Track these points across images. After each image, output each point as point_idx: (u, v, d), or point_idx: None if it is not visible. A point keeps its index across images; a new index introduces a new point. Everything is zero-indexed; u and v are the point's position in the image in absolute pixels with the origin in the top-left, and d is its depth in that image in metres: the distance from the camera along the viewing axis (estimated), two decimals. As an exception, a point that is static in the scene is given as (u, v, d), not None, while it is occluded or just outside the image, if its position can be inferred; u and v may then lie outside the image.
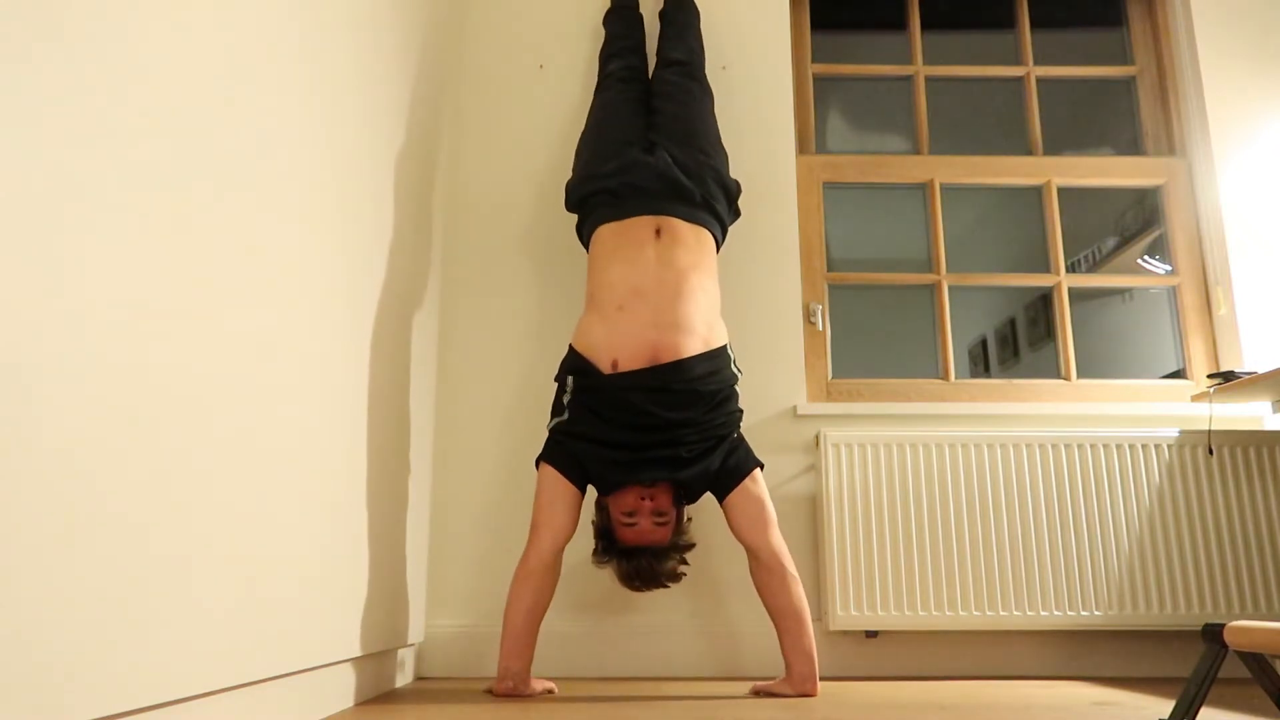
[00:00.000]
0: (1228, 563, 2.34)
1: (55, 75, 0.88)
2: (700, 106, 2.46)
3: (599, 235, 2.19)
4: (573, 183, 2.33)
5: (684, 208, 2.17)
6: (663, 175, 2.19)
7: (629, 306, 2.03)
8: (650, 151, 2.27)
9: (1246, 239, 2.69)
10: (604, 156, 2.29)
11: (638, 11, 2.75)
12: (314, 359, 1.56)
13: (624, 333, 2.01)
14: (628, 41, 2.65)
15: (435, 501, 2.49)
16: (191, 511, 1.14)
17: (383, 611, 1.96)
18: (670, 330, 2.00)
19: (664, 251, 2.10)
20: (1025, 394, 2.66)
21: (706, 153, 2.30)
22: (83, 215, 0.92)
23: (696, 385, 2.00)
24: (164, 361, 1.07)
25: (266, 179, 1.37)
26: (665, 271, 2.07)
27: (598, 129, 2.42)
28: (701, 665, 2.37)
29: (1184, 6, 2.90)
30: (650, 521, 1.98)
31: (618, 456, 1.98)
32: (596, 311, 2.08)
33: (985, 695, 1.95)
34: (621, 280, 2.07)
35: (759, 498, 2.02)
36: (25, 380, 0.84)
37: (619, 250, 2.13)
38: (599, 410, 2.00)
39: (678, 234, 2.13)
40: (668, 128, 2.36)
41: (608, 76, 2.56)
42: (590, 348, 2.04)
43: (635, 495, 1.98)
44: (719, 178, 2.28)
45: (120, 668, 0.98)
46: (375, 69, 1.96)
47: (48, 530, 0.86)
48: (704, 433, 2.01)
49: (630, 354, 1.99)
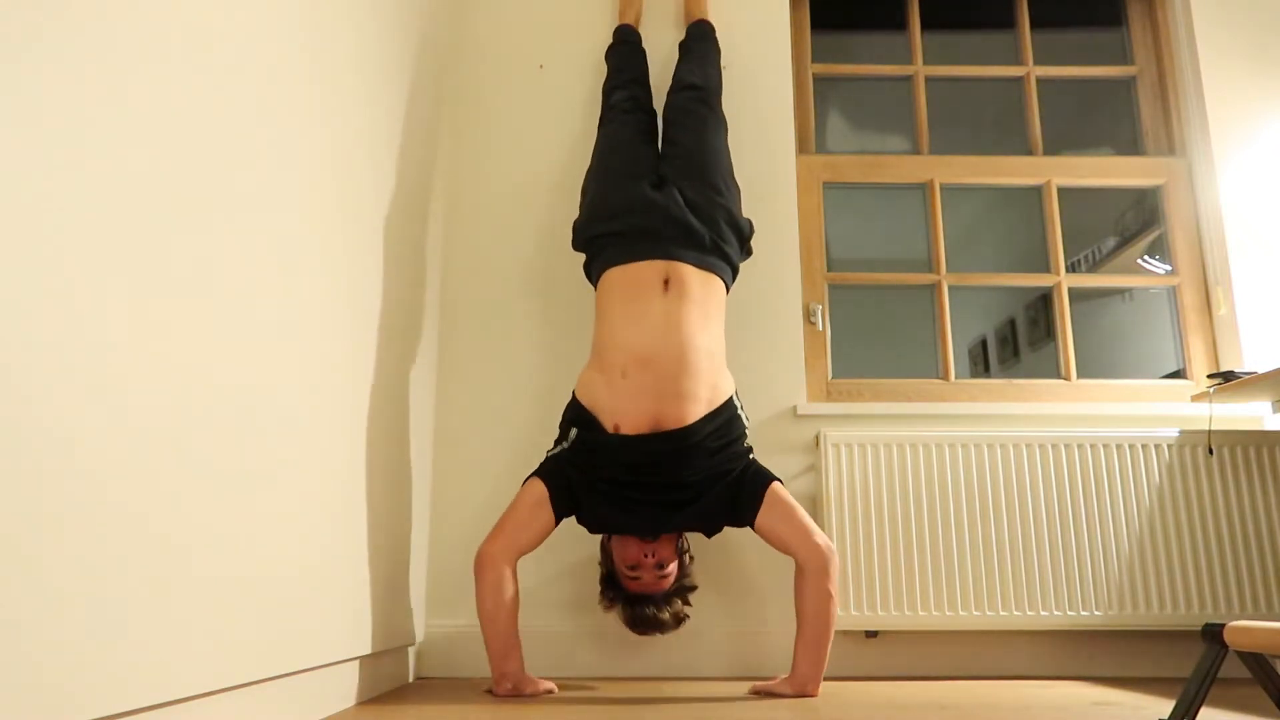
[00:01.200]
0: (1228, 563, 2.34)
1: (55, 75, 0.88)
2: (715, 138, 2.40)
3: (606, 279, 2.16)
4: (580, 223, 2.29)
5: (694, 253, 2.13)
6: (673, 217, 2.14)
7: (633, 375, 2.01)
8: (660, 187, 2.23)
9: (1246, 239, 2.69)
10: (611, 195, 2.25)
11: (640, 46, 2.70)
12: (315, 359, 1.56)
13: (628, 400, 2.00)
14: (631, 73, 2.60)
15: (435, 501, 2.49)
16: (192, 511, 1.14)
17: (383, 611, 1.96)
18: (674, 400, 1.99)
19: (671, 309, 2.06)
20: (1025, 394, 2.66)
21: (720, 191, 2.25)
22: (83, 215, 0.92)
23: (703, 444, 2.00)
24: (164, 362, 1.07)
25: (267, 179, 1.37)
26: (671, 336, 2.03)
27: (603, 165, 2.36)
28: (702, 665, 2.37)
29: (1184, 6, 2.90)
30: (653, 575, 2.02)
31: (615, 500, 2.00)
32: (601, 371, 2.06)
33: (985, 695, 1.95)
34: (627, 344, 2.04)
35: (785, 502, 2.01)
36: (24, 380, 0.84)
37: (626, 305, 2.09)
38: (601, 461, 2.01)
39: (686, 285, 2.09)
40: (680, 161, 2.30)
41: (611, 108, 2.51)
42: (594, 405, 2.04)
43: (637, 549, 2.00)
44: (731, 218, 2.23)
45: (120, 668, 0.98)
46: (375, 69, 1.96)
47: (48, 530, 0.87)
48: (709, 474, 2.01)
49: (633, 422, 1.99)
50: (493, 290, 2.64)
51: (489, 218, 2.69)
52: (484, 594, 1.95)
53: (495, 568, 1.96)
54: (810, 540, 1.97)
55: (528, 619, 2.34)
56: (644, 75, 2.62)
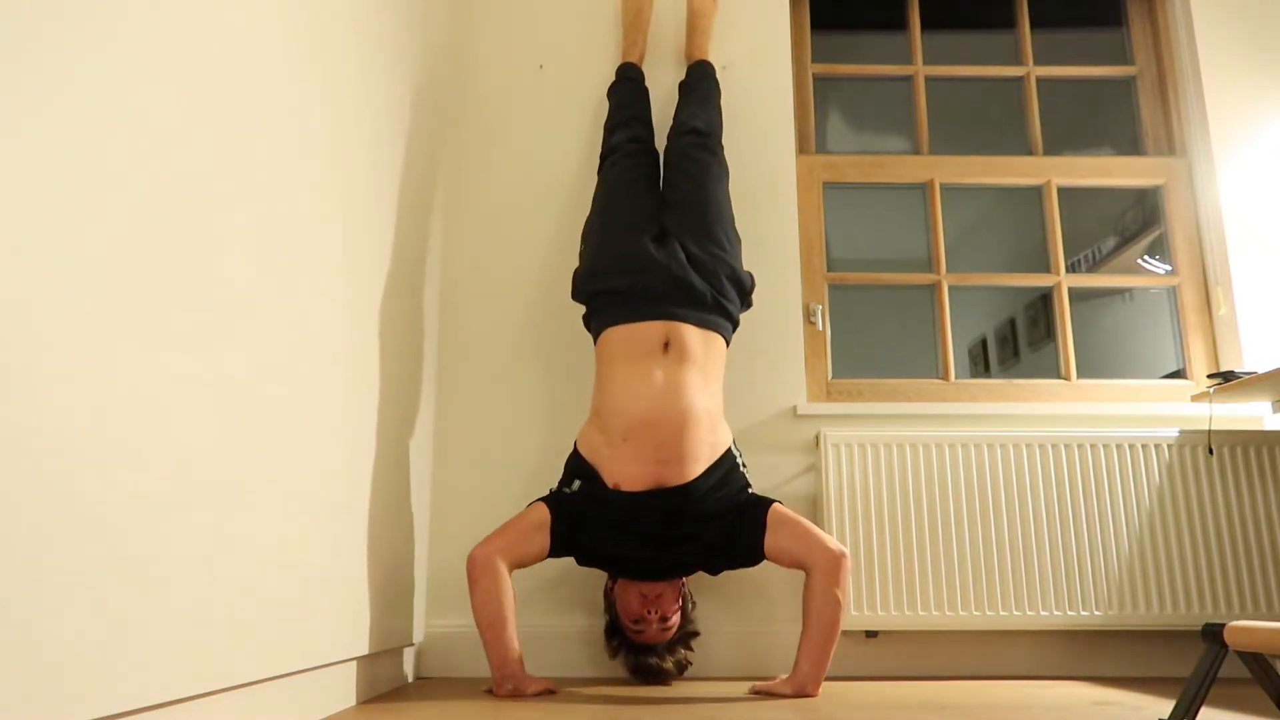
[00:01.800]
0: (1228, 563, 2.34)
1: (55, 78, 0.88)
2: (718, 188, 2.38)
3: (606, 337, 2.16)
4: (580, 275, 2.28)
5: (694, 311, 2.13)
6: (674, 276, 2.14)
7: (634, 439, 2.02)
8: (662, 241, 2.22)
9: (1246, 239, 2.69)
10: (612, 250, 2.24)
11: (643, 85, 2.66)
12: (315, 360, 1.56)
13: (628, 464, 2.01)
14: (634, 111, 2.57)
15: (435, 501, 2.49)
16: (192, 512, 1.14)
17: (383, 611, 1.97)
18: (674, 464, 2.01)
19: (671, 373, 2.07)
20: (1025, 394, 2.66)
21: (722, 246, 2.25)
22: (83, 218, 0.92)
23: (704, 499, 2.02)
24: (164, 363, 1.07)
25: (268, 179, 1.37)
26: (672, 401, 2.03)
27: (604, 216, 2.34)
28: (702, 665, 2.37)
29: (1184, 6, 2.90)
30: (656, 629, 2.05)
31: (617, 544, 2.02)
32: (602, 431, 2.07)
33: (985, 695, 1.95)
34: (627, 409, 2.04)
35: (787, 519, 2.02)
36: (25, 380, 0.84)
37: (626, 368, 2.09)
38: (603, 511, 2.02)
39: (686, 347, 2.09)
40: (683, 214, 2.29)
41: (612, 150, 2.47)
42: (595, 461, 2.05)
43: (640, 604, 2.03)
44: (733, 273, 2.22)
45: (120, 668, 0.98)
46: (375, 69, 1.96)
47: (48, 530, 0.87)
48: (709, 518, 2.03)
49: (632, 483, 2.01)
50: (493, 288, 2.64)
51: (488, 218, 2.69)
52: (479, 596, 1.96)
53: (490, 569, 1.96)
54: (822, 544, 1.98)
55: (527, 619, 2.35)
56: (647, 114, 2.60)
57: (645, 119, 2.58)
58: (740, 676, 2.33)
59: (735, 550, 2.04)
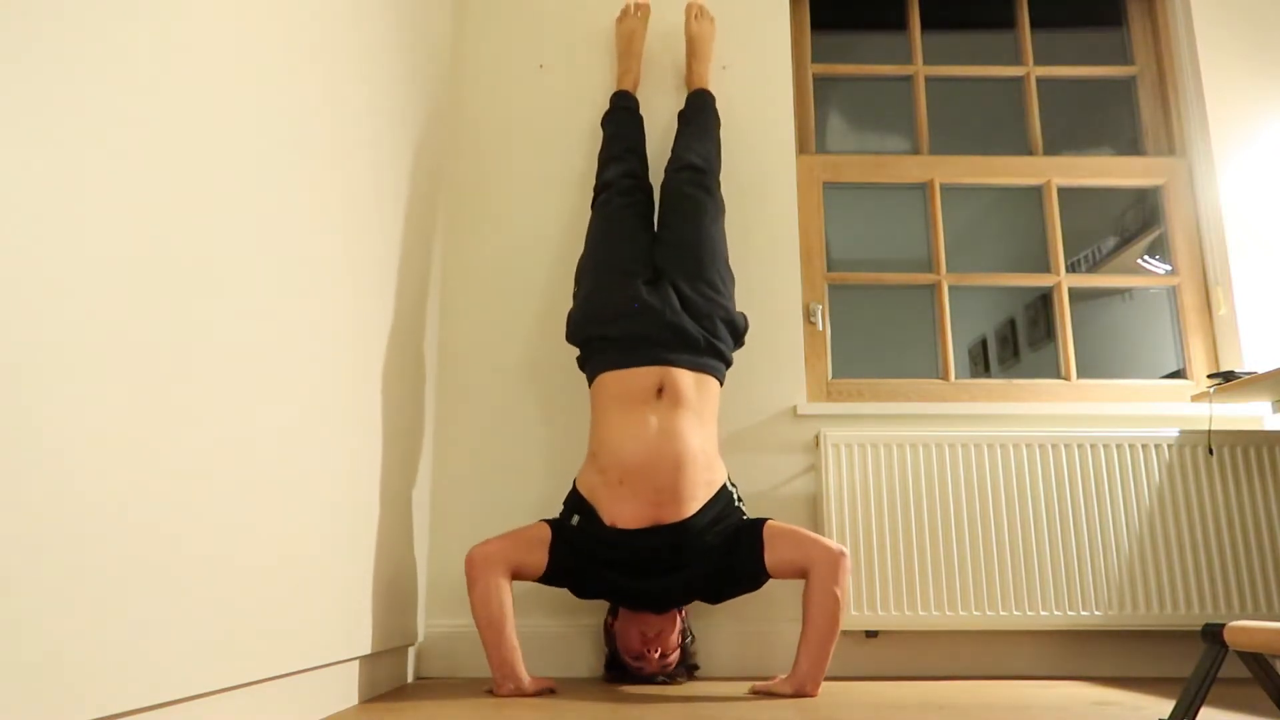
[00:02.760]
0: (1228, 563, 2.34)
1: (55, 78, 0.88)
2: (713, 227, 2.36)
3: (601, 382, 2.17)
4: (575, 318, 2.28)
5: (688, 355, 2.14)
6: (667, 322, 2.15)
7: (629, 483, 2.03)
8: (655, 284, 2.23)
9: (1246, 239, 2.69)
10: (605, 294, 2.24)
11: (638, 113, 2.65)
12: (316, 360, 1.56)
13: (625, 504, 2.02)
14: (628, 143, 2.55)
15: (435, 501, 2.49)
16: (192, 512, 1.14)
17: (383, 611, 1.97)
18: (669, 504, 2.02)
19: (665, 418, 2.08)
20: (1025, 394, 2.66)
21: (716, 288, 2.25)
22: (85, 219, 0.92)
23: (701, 535, 2.03)
24: (164, 362, 1.07)
25: (269, 178, 1.37)
26: (666, 446, 2.04)
27: (597, 257, 2.34)
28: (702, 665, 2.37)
29: (1184, 6, 2.90)
30: (657, 664, 2.07)
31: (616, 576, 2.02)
32: (599, 473, 2.08)
33: (985, 695, 1.95)
34: (622, 454, 2.05)
35: (782, 531, 2.02)
36: (26, 380, 0.84)
37: (621, 414, 2.10)
38: (601, 548, 2.03)
39: (680, 391, 2.10)
40: (676, 253, 2.29)
41: (606, 187, 2.46)
42: (593, 500, 2.07)
43: (640, 642, 2.05)
44: (727, 316, 2.23)
45: (120, 668, 0.98)
46: (375, 69, 1.96)
47: (48, 530, 0.87)
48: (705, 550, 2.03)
49: (629, 522, 2.02)
50: (493, 287, 2.64)
51: (488, 218, 2.69)
52: (477, 595, 1.96)
53: (488, 569, 1.96)
54: (820, 545, 1.98)
55: (527, 619, 2.35)
56: (640, 145, 2.58)
57: (639, 151, 2.56)
58: (740, 676, 2.33)
59: (737, 575, 2.04)
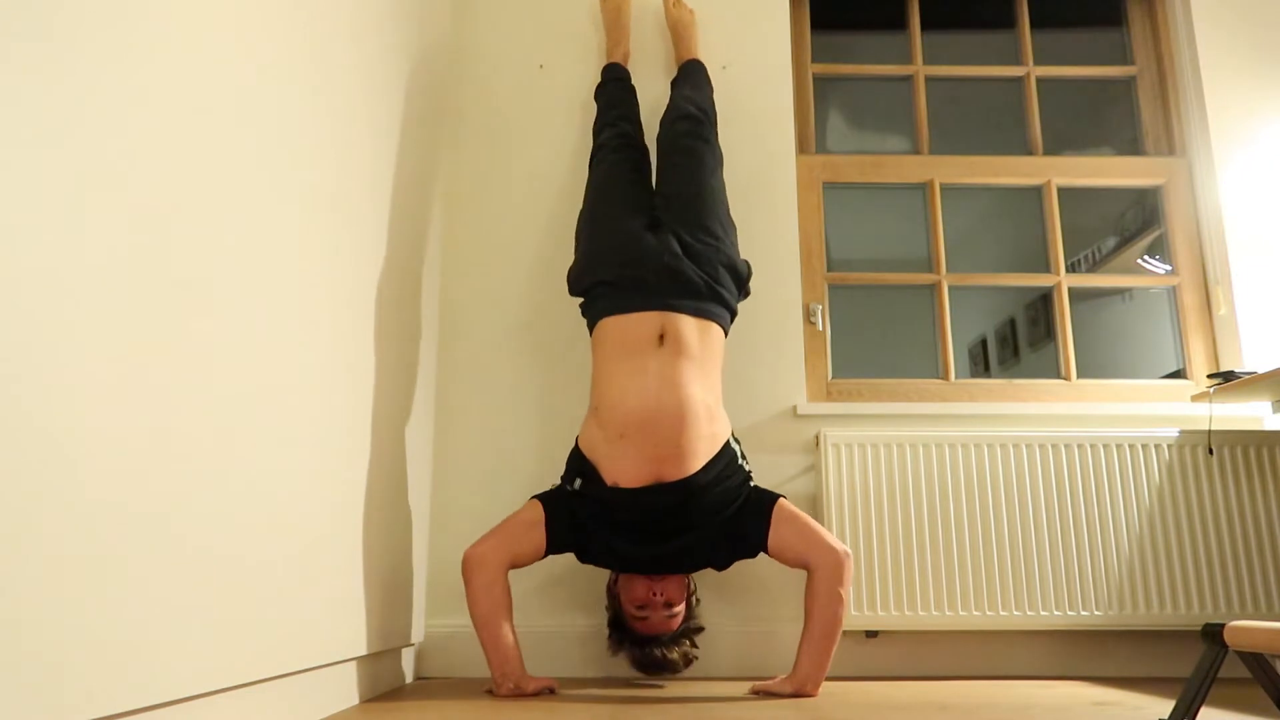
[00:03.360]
0: (1228, 563, 2.34)
1: (55, 76, 0.88)
2: (712, 178, 2.36)
3: (602, 328, 2.15)
4: (575, 271, 2.27)
5: (689, 301, 2.11)
6: (667, 266, 2.12)
7: (630, 436, 2.00)
8: (655, 230, 2.21)
9: (1246, 239, 2.69)
10: (604, 243, 2.23)
11: (630, 83, 2.66)
12: (315, 359, 1.56)
13: (626, 460, 1.99)
14: (621, 110, 2.56)
15: (435, 501, 2.49)
16: (192, 512, 1.14)
17: (382, 611, 1.96)
18: (672, 460, 1.99)
19: (666, 367, 2.04)
20: (1025, 394, 2.66)
21: (717, 235, 2.23)
22: (82, 216, 0.92)
23: (705, 492, 2.00)
24: (163, 362, 1.07)
25: (267, 180, 1.37)
26: (668, 396, 2.01)
27: (596, 211, 2.33)
28: (703, 665, 2.37)
29: (1184, 6, 2.90)
30: (661, 615, 2.02)
31: (621, 540, 2.00)
32: (600, 428, 2.05)
33: (985, 695, 1.95)
34: (622, 406, 2.02)
35: (793, 515, 2.01)
36: (24, 380, 0.84)
37: (622, 362, 2.07)
38: (605, 509, 2.01)
39: (681, 338, 2.07)
40: (675, 204, 2.27)
41: (600, 148, 2.46)
42: (594, 459, 2.04)
43: (645, 589, 2.01)
44: (729, 262, 2.20)
45: (120, 668, 0.98)
46: (375, 69, 1.96)
47: (48, 530, 0.86)
48: (711, 512, 2.01)
49: (631, 480, 1.99)
50: (492, 287, 2.64)
51: (487, 217, 2.70)
52: (475, 596, 1.95)
53: (484, 571, 1.96)
54: (826, 544, 1.97)
55: (528, 619, 2.35)
56: (634, 112, 2.59)
57: (633, 117, 2.57)
58: (741, 676, 2.33)
59: (739, 541, 2.03)
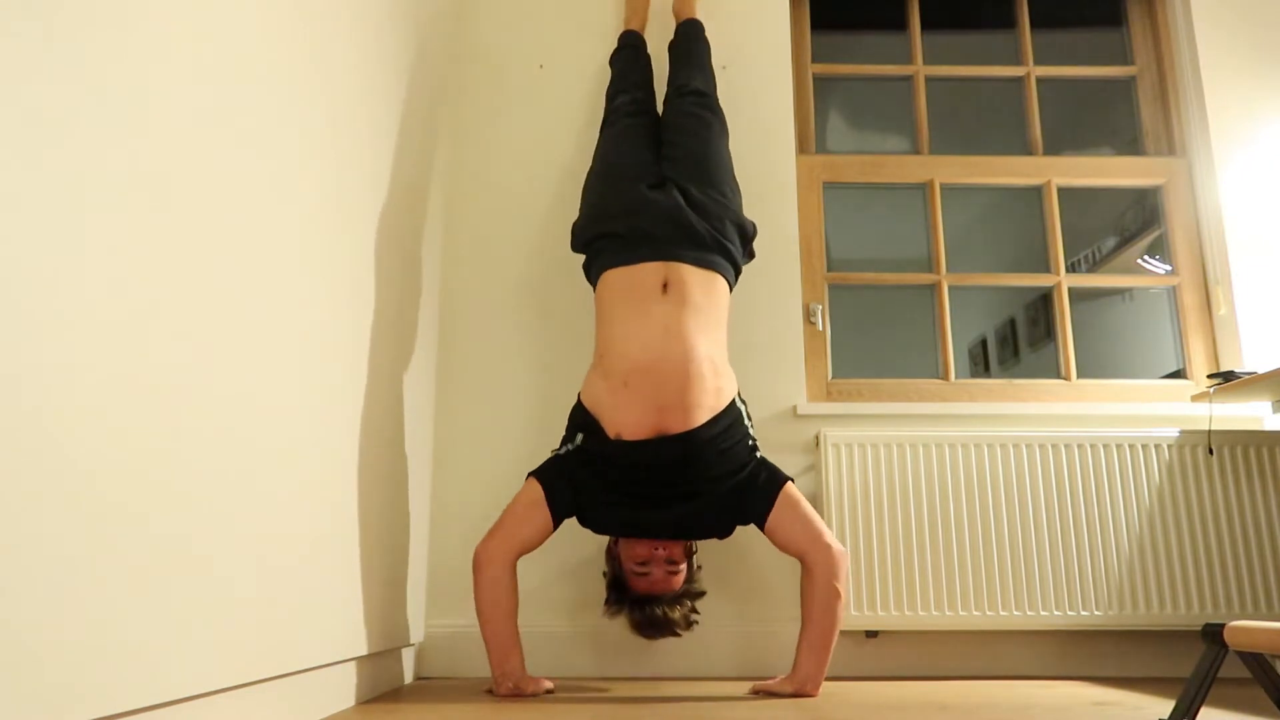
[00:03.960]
0: (1228, 563, 2.34)
1: (55, 75, 0.88)
2: (717, 143, 2.38)
3: (605, 280, 2.15)
4: (579, 224, 2.28)
5: (693, 251, 2.11)
6: (672, 218, 2.12)
7: (634, 384, 1.99)
8: (660, 187, 2.21)
9: (1246, 239, 2.69)
10: (611, 196, 2.23)
11: (645, 51, 2.68)
12: (314, 359, 1.56)
13: (629, 410, 1.98)
14: (635, 77, 2.59)
15: (435, 501, 2.49)
16: (191, 512, 1.14)
17: (382, 611, 1.96)
18: (676, 411, 1.97)
19: (671, 316, 2.03)
20: (1025, 394, 2.66)
21: (723, 194, 2.24)
22: (80, 215, 0.92)
23: (708, 448, 1.98)
24: (162, 361, 1.07)
25: (268, 178, 1.37)
26: (672, 345, 2.00)
27: (605, 166, 2.35)
28: (703, 665, 2.37)
29: (1184, 6, 2.90)
30: (663, 570, 2.00)
31: (623, 503, 1.99)
32: (604, 378, 2.04)
33: (985, 695, 1.95)
34: (626, 353, 2.02)
35: (797, 502, 2.00)
36: (25, 380, 0.84)
37: (625, 310, 2.07)
38: (607, 466, 2.00)
39: (686, 288, 2.06)
40: (682, 163, 2.29)
41: (614, 111, 2.48)
42: (597, 411, 2.03)
43: (648, 546, 1.99)
44: (736, 219, 2.22)
45: (120, 668, 0.98)
46: (375, 69, 1.96)
47: (48, 530, 0.86)
48: (716, 476, 2.00)
49: (634, 430, 1.97)
50: (492, 290, 2.64)
51: (488, 219, 2.69)
52: (482, 593, 1.95)
53: (491, 566, 1.95)
54: (822, 540, 1.96)
55: (528, 619, 2.34)
56: (648, 80, 2.61)
57: (646, 84, 2.60)
58: (740, 676, 2.33)
59: (741, 511, 2.01)
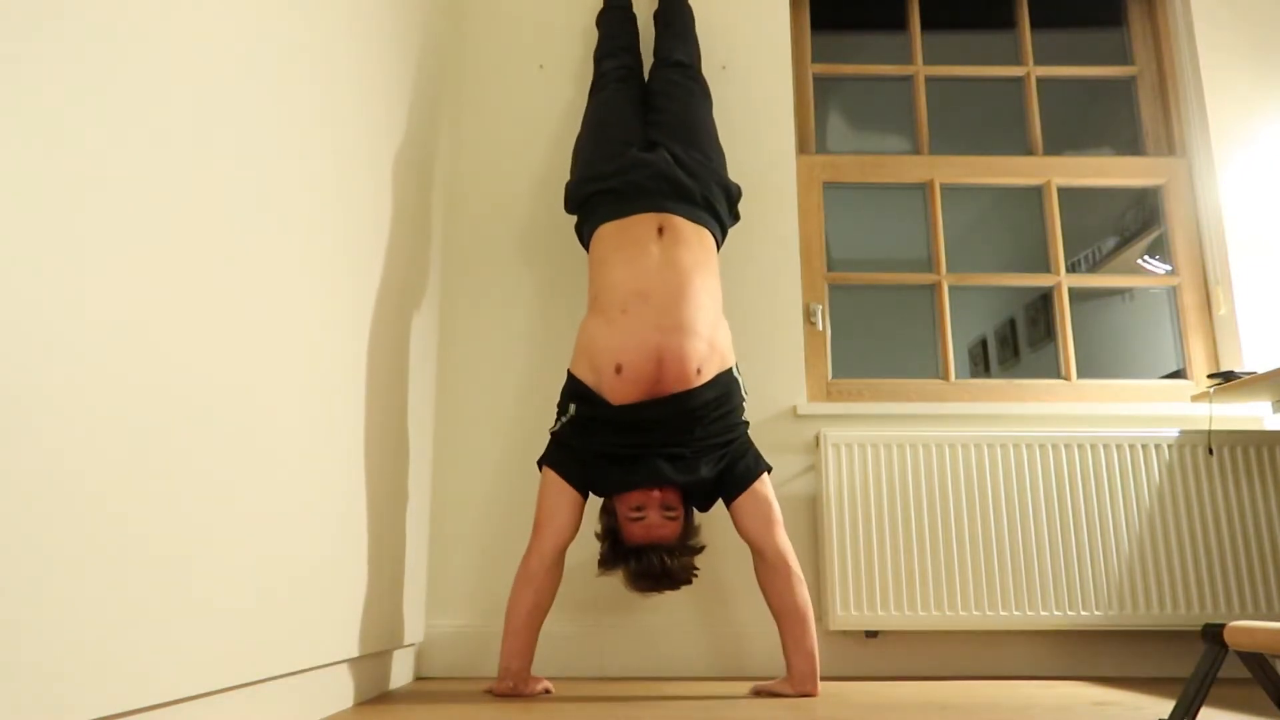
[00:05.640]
0: (1228, 563, 2.34)
1: (55, 75, 0.88)
2: (701, 109, 2.45)
3: (600, 234, 2.17)
4: (572, 184, 2.31)
5: (685, 206, 2.16)
6: (664, 174, 2.17)
7: (632, 309, 2.00)
8: (651, 150, 2.26)
9: (1246, 239, 2.69)
10: (604, 156, 2.28)
11: (631, 11, 2.73)
12: (314, 359, 1.56)
13: (628, 335, 1.98)
14: (622, 40, 2.63)
15: (435, 501, 2.49)
16: (191, 512, 1.14)
17: (382, 611, 1.96)
18: (675, 333, 1.98)
19: (667, 250, 2.08)
20: (1025, 394, 2.66)
21: (709, 155, 2.30)
22: (83, 216, 0.92)
23: (703, 410, 1.99)
24: (163, 361, 1.07)
25: (267, 178, 1.37)
26: (669, 271, 2.04)
27: (596, 129, 2.40)
28: (703, 665, 2.37)
29: (1184, 6, 2.90)
30: (659, 515, 1.96)
31: (618, 461, 1.99)
32: (600, 314, 2.06)
33: (985, 695, 1.95)
34: (624, 281, 2.05)
35: (766, 498, 2.02)
36: (26, 380, 0.84)
37: (621, 250, 2.11)
38: (601, 429, 2.01)
39: (680, 232, 2.11)
40: (669, 126, 2.35)
41: (603, 76, 2.54)
42: (593, 354, 2.02)
43: (643, 490, 1.97)
44: (721, 180, 2.27)
45: (120, 668, 0.98)
46: (375, 69, 1.96)
47: (48, 530, 0.86)
48: (706, 441, 2.01)
49: (634, 357, 1.96)
50: (492, 289, 2.64)
51: (488, 219, 2.69)
52: (523, 595, 1.96)
53: (529, 581, 1.96)
54: (779, 534, 1.99)
55: (528, 619, 2.35)
56: (635, 44, 2.66)
57: (633, 49, 2.64)
58: (741, 676, 2.33)
59: (718, 482, 2.02)
